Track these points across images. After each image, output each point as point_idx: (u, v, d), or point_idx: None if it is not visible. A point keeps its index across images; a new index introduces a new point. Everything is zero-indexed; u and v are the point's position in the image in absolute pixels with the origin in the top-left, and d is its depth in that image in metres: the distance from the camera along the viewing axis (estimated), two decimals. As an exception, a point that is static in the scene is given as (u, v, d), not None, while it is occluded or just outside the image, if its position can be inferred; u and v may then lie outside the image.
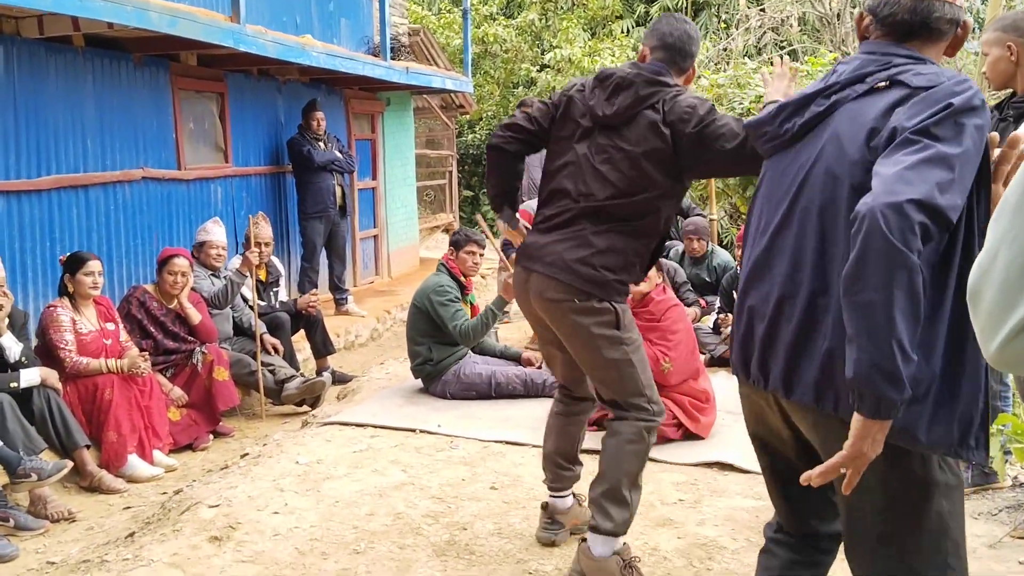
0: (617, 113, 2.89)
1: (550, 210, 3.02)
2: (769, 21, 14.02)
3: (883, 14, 1.96)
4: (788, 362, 1.89)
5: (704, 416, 4.45)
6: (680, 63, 2.98)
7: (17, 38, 5.48)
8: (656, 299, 4.62)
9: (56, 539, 4.10)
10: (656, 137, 2.84)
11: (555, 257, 2.92)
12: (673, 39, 2.95)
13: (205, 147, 7.56)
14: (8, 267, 5.12)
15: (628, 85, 2.89)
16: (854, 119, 1.86)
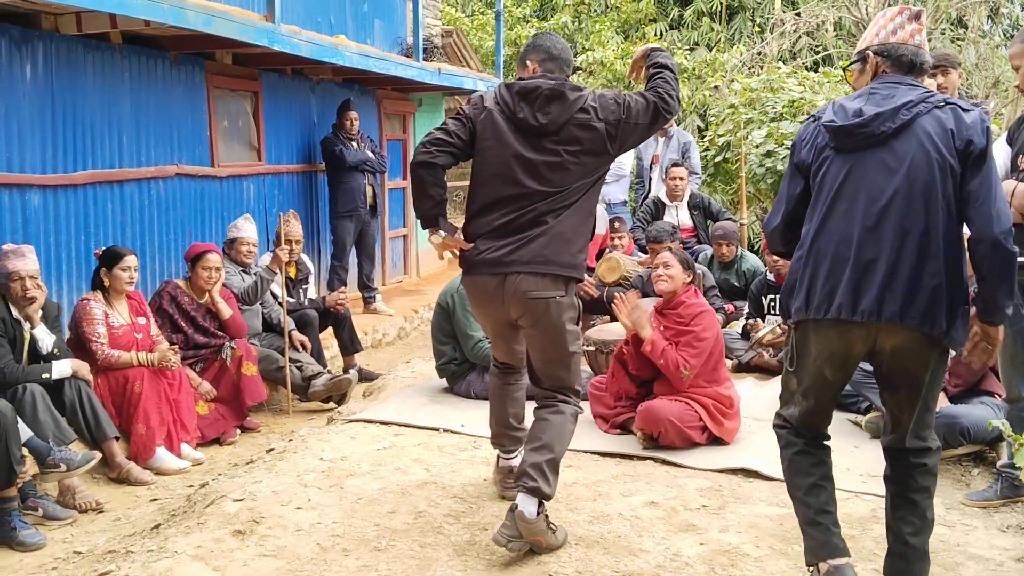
0: (554, 120, 3.25)
1: (503, 215, 3.28)
2: (804, 26, 13.91)
3: (895, 55, 2.81)
4: (905, 298, 2.63)
5: (728, 421, 4.41)
6: (566, 71, 3.43)
7: (56, 35, 5.57)
8: (687, 302, 4.55)
9: (83, 529, 4.16)
10: (592, 133, 3.26)
11: (532, 255, 3.24)
12: (557, 51, 3.41)
13: (239, 145, 7.63)
14: (43, 260, 5.21)
15: (559, 95, 3.26)
16: (936, 125, 2.66)
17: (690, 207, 7.67)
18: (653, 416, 4.25)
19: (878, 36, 2.83)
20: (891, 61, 2.79)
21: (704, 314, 4.51)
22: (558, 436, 3.31)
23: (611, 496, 3.79)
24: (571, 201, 3.29)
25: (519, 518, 3.15)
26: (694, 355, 4.37)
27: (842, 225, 2.70)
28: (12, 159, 5.30)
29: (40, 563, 3.74)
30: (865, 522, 3.51)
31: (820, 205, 2.77)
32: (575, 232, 3.31)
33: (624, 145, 3.38)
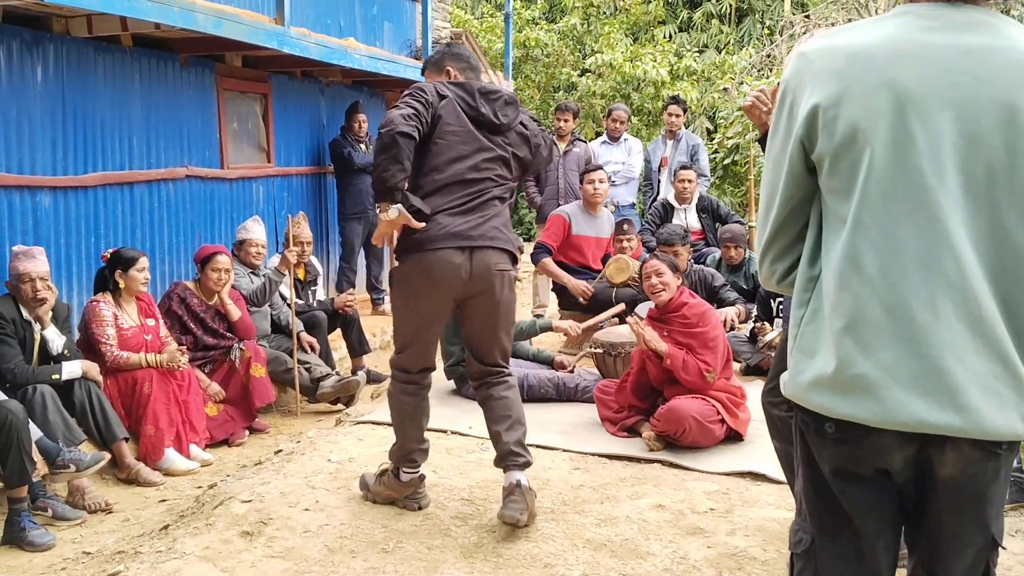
0: (509, 123, 3.55)
1: (465, 196, 3.43)
2: (814, 28, 13.87)
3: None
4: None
5: (741, 412, 4.41)
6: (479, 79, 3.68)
7: (67, 37, 5.60)
8: (688, 303, 4.52)
9: (92, 529, 4.18)
10: (526, 144, 3.61)
11: (494, 232, 3.47)
12: (474, 62, 3.69)
13: (248, 147, 7.66)
14: (53, 261, 5.24)
15: (512, 102, 3.58)
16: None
17: (699, 210, 7.66)
18: (676, 416, 4.22)
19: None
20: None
21: (707, 312, 4.52)
22: (518, 409, 3.61)
23: (618, 499, 3.78)
24: (508, 196, 3.60)
25: (527, 492, 3.39)
26: (712, 355, 4.35)
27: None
28: (23, 161, 5.33)
29: (49, 563, 3.76)
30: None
31: None
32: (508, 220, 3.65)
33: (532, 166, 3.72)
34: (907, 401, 1.51)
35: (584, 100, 14.89)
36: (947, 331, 1.50)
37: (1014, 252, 1.51)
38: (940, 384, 1.50)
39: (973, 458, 1.55)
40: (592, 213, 6.70)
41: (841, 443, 1.61)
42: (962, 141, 1.50)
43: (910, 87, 1.51)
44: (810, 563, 1.72)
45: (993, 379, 1.50)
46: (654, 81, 14.17)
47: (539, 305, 7.93)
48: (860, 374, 1.54)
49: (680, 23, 17.91)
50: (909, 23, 1.55)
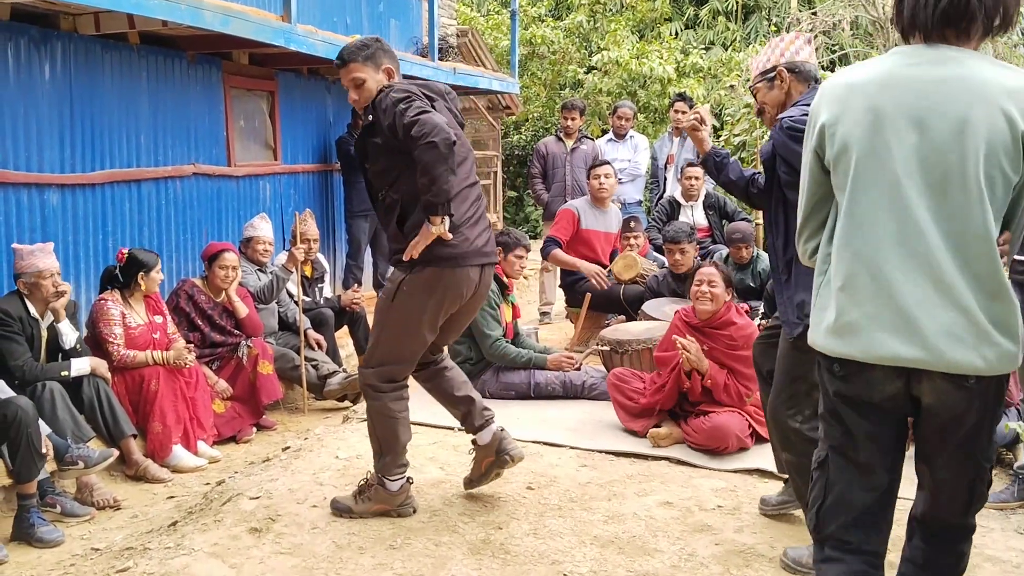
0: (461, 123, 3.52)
1: (471, 203, 3.43)
2: (820, 24, 13.82)
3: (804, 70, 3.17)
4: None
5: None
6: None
7: (74, 35, 5.61)
8: (737, 323, 4.39)
9: (101, 526, 4.19)
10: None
11: (494, 244, 3.56)
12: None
13: (255, 144, 7.66)
14: (61, 259, 5.24)
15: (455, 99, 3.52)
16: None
17: (705, 207, 7.65)
18: (721, 434, 4.19)
19: (783, 56, 3.17)
20: (799, 76, 3.15)
21: (754, 334, 4.28)
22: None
23: (626, 496, 3.79)
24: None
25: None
26: (751, 379, 4.17)
27: None
28: (31, 158, 5.34)
29: (58, 560, 3.77)
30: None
31: None
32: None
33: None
34: (886, 341, 2.00)
35: (590, 98, 14.85)
36: (916, 290, 1.98)
37: (968, 230, 1.97)
38: (911, 328, 1.98)
39: (945, 388, 2.02)
40: (600, 208, 6.70)
41: (844, 378, 2.11)
42: (927, 149, 1.98)
43: (887, 109, 2.02)
44: (823, 472, 2.20)
45: (955, 327, 1.96)
46: (660, 78, 14.13)
47: (545, 303, 7.93)
48: (850, 321, 2.06)
49: (686, 20, 17.86)
50: (897, 60, 2.07)
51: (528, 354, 5.27)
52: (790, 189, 2.99)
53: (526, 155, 15.98)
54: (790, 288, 3.03)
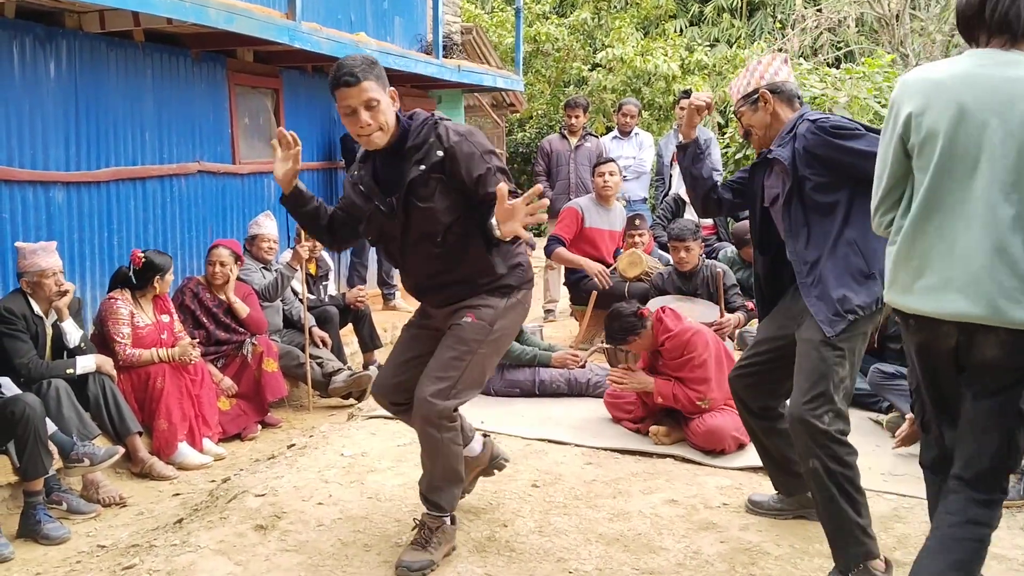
0: None
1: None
2: (826, 22, 13.82)
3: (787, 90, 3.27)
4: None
5: None
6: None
7: (79, 32, 5.62)
8: (670, 334, 4.40)
9: (107, 523, 4.20)
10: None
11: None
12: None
13: (259, 142, 7.67)
14: (66, 256, 5.27)
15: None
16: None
17: (710, 204, 7.63)
18: (718, 436, 4.19)
19: (763, 79, 3.25)
20: (783, 96, 3.24)
21: (692, 340, 4.35)
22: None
23: (631, 493, 3.78)
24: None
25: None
26: (701, 383, 4.28)
27: None
28: (36, 156, 5.35)
29: (64, 557, 3.78)
30: (886, 520, 3.49)
31: None
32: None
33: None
34: (956, 300, 2.33)
35: (595, 95, 14.85)
36: (985, 258, 2.31)
37: None
38: (979, 291, 2.31)
39: (1008, 340, 2.33)
40: (605, 206, 6.69)
41: (918, 331, 2.48)
42: (1002, 134, 2.30)
43: (969, 103, 2.34)
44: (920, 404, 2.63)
45: (1015, 291, 2.29)
46: (665, 75, 14.13)
47: (550, 300, 7.93)
48: (928, 284, 2.39)
49: (691, 17, 17.85)
50: (972, 62, 2.40)
51: (532, 351, 5.27)
52: (819, 191, 3.07)
53: (530, 152, 15.98)
54: (819, 287, 3.04)
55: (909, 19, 13.72)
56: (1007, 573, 3.13)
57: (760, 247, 3.39)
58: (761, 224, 3.36)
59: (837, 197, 3.07)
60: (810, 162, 3.07)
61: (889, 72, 9.47)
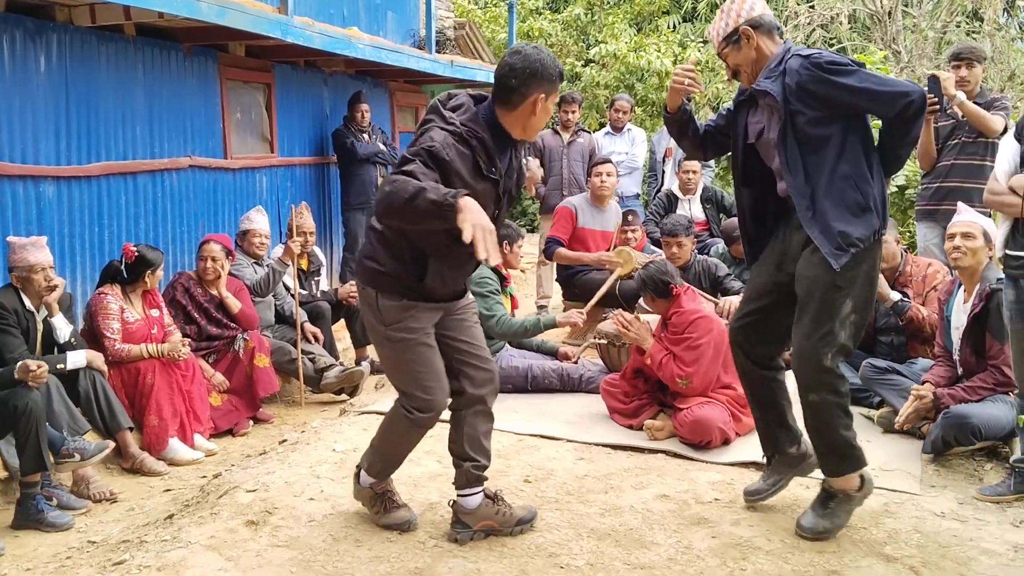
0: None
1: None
2: (818, 18, 13.81)
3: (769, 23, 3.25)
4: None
5: (747, 416, 4.40)
6: (506, 100, 2.97)
7: (70, 26, 5.59)
8: (679, 310, 4.47)
9: (97, 519, 4.19)
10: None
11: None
12: (496, 78, 3.00)
13: (251, 137, 7.65)
14: (57, 251, 5.24)
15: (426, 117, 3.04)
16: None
17: (703, 200, 7.64)
18: (704, 427, 4.21)
19: (740, 16, 3.21)
20: (763, 29, 3.20)
21: (697, 322, 4.42)
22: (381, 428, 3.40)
23: (623, 489, 3.79)
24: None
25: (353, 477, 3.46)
26: (690, 363, 4.33)
27: None
28: (26, 150, 5.33)
29: (55, 552, 3.77)
30: (877, 516, 3.50)
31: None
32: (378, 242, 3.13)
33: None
34: None
35: (588, 91, 14.83)
36: None
37: None
38: None
39: None
40: (599, 207, 6.69)
41: None
42: None
43: None
44: None
45: None
46: (658, 71, 14.11)
47: (543, 296, 7.93)
48: None
49: (684, 13, 17.83)
50: None
51: (534, 318, 5.31)
52: (812, 125, 3.07)
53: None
54: (821, 221, 3.07)
55: (901, 16, 13.74)
56: (996, 568, 3.15)
57: (744, 181, 3.39)
58: (744, 161, 3.36)
59: (830, 131, 3.08)
60: (803, 97, 3.07)
61: (881, 68, 9.48)
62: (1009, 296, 3.62)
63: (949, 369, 4.39)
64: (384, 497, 3.37)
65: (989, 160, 5.08)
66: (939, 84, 4.96)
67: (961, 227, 4.27)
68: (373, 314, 3.13)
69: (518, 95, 2.94)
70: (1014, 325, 3.61)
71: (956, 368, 4.37)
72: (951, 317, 4.39)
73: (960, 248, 4.23)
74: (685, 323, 4.44)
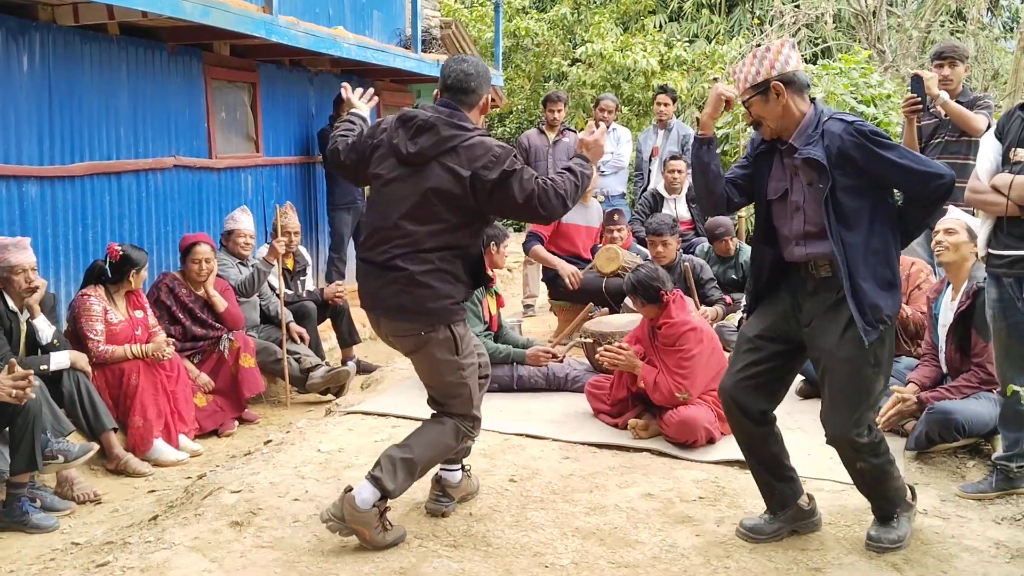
0: (420, 153, 3.16)
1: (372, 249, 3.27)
2: (803, 17, 13.87)
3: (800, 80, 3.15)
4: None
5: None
6: (464, 99, 3.28)
7: (53, 25, 5.55)
8: (670, 321, 4.44)
9: (81, 520, 4.17)
10: (454, 181, 3.12)
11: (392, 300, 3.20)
12: (452, 80, 3.28)
13: (236, 136, 7.62)
14: (40, 252, 5.21)
15: (431, 127, 3.18)
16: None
17: (688, 200, 7.66)
18: (690, 427, 4.21)
19: (773, 68, 3.07)
20: (795, 87, 3.09)
21: (687, 334, 4.38)
22: (420, 439, 3.31)
23: (608, 487, 3.80)
24: (428, 246, 3.16)
25: (348, 502, 3.15)
26: (685, 376, 4.31)
27: None
28: (9, 151, 5.29)
29: (39, 554, 3.75)
30: (860, 513, 3.52)
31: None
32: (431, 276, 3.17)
33: (490, 206, 3.19)
34: None
35: (574, 90, 14.84)
36: None
37: None
38: None
39: None
40: (582, 203, 6.70)
41: None
42: None
43: None
44: None
45: None
46: (644, 71, 14.13)
47: (529, 295, 7.94)
48: None
49: (670, 13, 17.86)
50: None
51: (507, 350, 5.26)
52: (847, 194, 3.01)
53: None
54: (857, 294, 3.00)
55: (886, 15, 13.82)
56: (978, 564, 3.17)
57: (767, 239, 3.28)
58: (767, 218, 3.26)
59: (863, 203, 3.03)
60: (841, 163, 3.01)
61: (866, 68, 9.53)
62: (992, 294, 3.64)
63: (934, 369, 4.42)
64: (384, 515, 3.25)
65: (972, 159, 5.10)
66: (922, 84, 5.00)
67: (943, 223, 4.30)
68: (451, 350, 3.25)
69: (476, 95, 3.30)
70: (996, 324, 3.64)
71: (941, 367, 4.39)
72: (939, 315, 4.42)
73: (942, 243, 4.25)
74: (676, 335, 4.41)
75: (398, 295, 3.18)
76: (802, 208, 3.11)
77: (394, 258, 3.17)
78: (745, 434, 3.35)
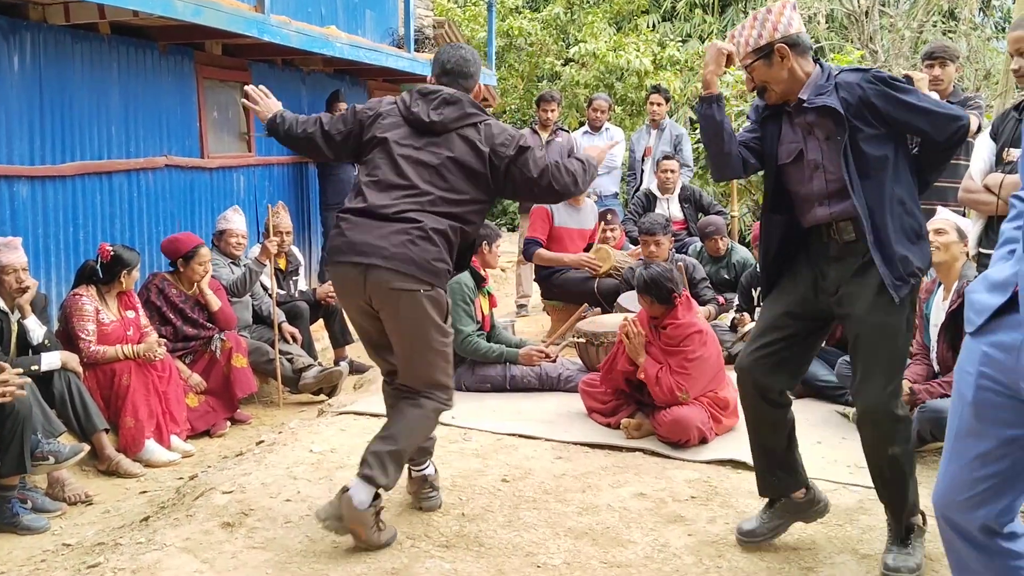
0: (443, 122, 3.26)
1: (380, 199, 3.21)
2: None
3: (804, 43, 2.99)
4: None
5: (726, 419, 4.43)
6: (464, 84, 3.42)
7: (44, 25, 5.54)
8: (676, 322, 4.44)
9: (72, 521, 4.16)
10: (473, 154, 3.24)
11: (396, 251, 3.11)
12: (452, 64, 3.42)
13: (228, 136, 7.61)
14: (31, 251, 5.19)
15: (456, 101, 3.30)
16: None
17: (681, 200, 7.67)
18: (683, 426, 4.20)
19: (776, 31, 2.93)
20: (799, 49, 2.95)
21: (692, 336, 4.38)
22: (402, 426, 3.25)
23: (600, 487, 3.80)
24: (442, 209, 3.20)
25: (345, 502, 3.11)
26: (687, 376, 4.31)
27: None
28: (0, 150, 5.27)
29: (29, 555, 3.74)
30: (852, 513, 3.53)
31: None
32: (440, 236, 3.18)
33: (504, 188, 3.32)
34: None
35: (567, 90, 14.84)
36: None
37: None
38: None
39: None
40: (575, 205, 6.70)
41: None
42: None
43: None
44: None
45: None
46: (637, 71, 14.14)
47: (522, 296, 7.94)
48: None
49: (663, 12, 17.87)
50: None
51: (500, 349, 5.25)
52: (870, 144, 2.89)
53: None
54: (882, 248, 2.89)
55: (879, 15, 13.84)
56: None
57: (775, 207, 3.14)
58: (776, 185, 3.14)
59: (886, 151, 2.91)
60: (861, 112, 2.89)
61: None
62: (982, 293, 3.64)
63: (926, 367, 4.43)
64: (379, 515, 3.21)
65: (963, 159, 5.12)
66: (913, 84, 5.00)
67: (932, 224, 4.31)
68: (439, 311, 3.23)
69: (473, 80, 3.46)
70: (987, 322, 3.63)
71: (933, 366, 4.41)
72: (930, 315, 4.43)
73: (933, 243, 4.26)
74: (681, 336, 4.40)
75: (405, 245, 3.10)
76: (822, 165, 2.98)
77: (407, 211, 3.16)
78: (756, 414, 3.20)
